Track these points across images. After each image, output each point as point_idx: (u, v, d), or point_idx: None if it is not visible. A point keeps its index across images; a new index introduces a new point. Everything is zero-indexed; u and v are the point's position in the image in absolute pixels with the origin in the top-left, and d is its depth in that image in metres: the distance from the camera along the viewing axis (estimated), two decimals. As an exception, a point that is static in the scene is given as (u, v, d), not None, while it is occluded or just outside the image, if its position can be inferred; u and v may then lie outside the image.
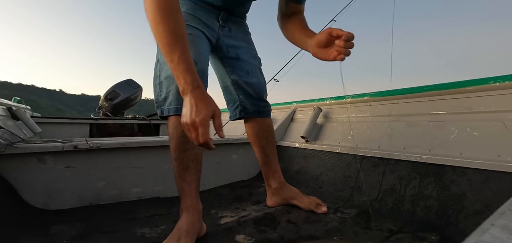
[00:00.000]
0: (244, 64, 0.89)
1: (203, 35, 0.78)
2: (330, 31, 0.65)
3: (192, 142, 0.70)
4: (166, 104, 0.72)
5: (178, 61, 0.55)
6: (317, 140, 1.34)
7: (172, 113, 0.70)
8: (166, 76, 0.71)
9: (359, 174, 1.03)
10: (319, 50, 0.69)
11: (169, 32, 0.54)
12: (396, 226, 0.78)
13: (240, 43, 0.89)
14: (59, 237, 0.70)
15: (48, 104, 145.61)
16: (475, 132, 0.84)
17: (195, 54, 0.70)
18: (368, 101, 1.22)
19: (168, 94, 0.71)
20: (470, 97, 0.90)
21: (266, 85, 1.02)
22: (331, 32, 0.65)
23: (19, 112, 1.65)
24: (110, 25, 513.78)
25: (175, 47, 0.54)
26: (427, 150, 0.91)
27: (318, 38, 0.69)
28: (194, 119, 0.54)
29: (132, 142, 1.02)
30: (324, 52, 0.68)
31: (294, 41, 0.84)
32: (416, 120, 1.01)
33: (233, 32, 0.87)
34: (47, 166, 0.87)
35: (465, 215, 0.72)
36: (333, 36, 0.64)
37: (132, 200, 1.02)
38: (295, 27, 0.83)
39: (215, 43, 0.84)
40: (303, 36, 0.78)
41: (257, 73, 0.94)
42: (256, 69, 0.93)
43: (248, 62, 0.90)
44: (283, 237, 0.73)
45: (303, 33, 0.79)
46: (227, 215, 0.90)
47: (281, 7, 0.87)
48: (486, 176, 0.74)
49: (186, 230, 0.64)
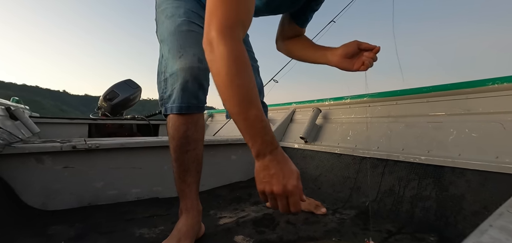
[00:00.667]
0: None
1: None
2: (359, 44, 0.72)
3: (193, 143, 0.69)
4: (170, 102, 0.69)
5: (255, 119, 0.47)
6: (316, 141, 1.34)
7: (175, 111, 0.68)
8: (171, 73, 0.68)
9: (358, 175, 1.03)
10: (344, 60, 0.74)
11: (245, 87, 0.47)
12: (395, 227, 0.78)
13: None
14: (57, 238, 0.70)
15: (52, 105, 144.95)
16: (474, 133, 0.84)
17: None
18: (367, 102, 1.23)
19: (172, 92, 0.68)
20: (469, 98, 0.90)
21: (264, 87, 1.03)
22: (360, 45, 0.72)
23: (18, 112, 1.64)
24: (110, 24, 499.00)
25: (252, 104, 0.47)
26: (425, 151, 0.91)
27: (346, 50, 0.73)
28: (286, 186, 0.47)
29: (131, 142, 1.01)
30: (349, 62, 0.73)
31: (304, 58, 0.86)
32: (415, 122, 1.01)
33: None
34: (46, 166, 0.86)
35: (463, 216, 0.73)
36: (361, 49, 0.72)
37: (130, 200, 1.01)
38: (304, 45, 0.86)
39: None
40: (319, 51, 0.82)
41: (255, 75, 0.94)
42: (254, 71, 0.93)
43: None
44: (282, 238, 0.73)
45: (317, 48, 0.83)
46: (226, 215, 0.90)
47: (283, 29, 0.88)
48: (484, 177, 0.74)
49: (185, 231, 0.64)
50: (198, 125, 0.70)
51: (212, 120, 2.41)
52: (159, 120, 2.51)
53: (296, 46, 0.87)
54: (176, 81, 0.67)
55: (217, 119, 2.35)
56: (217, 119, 2.35)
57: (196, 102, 0.68)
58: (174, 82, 0.68)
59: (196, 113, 0.70)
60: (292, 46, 0.88)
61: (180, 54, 0.66)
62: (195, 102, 0.68)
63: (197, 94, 0.68)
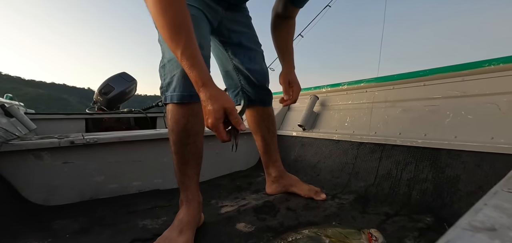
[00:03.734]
0: (246, 50, 0.87)
1: (205, 17, 0.73)
2: (287, 88, 0.91)
3: (194, 136, 0.69)
4: (170, 90, 0.66)
5: (181, 57, 0.52)
6: (314, 128, 1.35)
7: (175, 100, 0.65)
8: (170, 58, 0.66)
9: (356, 161, 1.05)
10: (285, 83, 0.91)
11: (171, 24, 0.52)
12: (392, 209, 0.80)
13: (242, 29, 0.86)
14: (61, 232, 0.71)
15: (78, 102, 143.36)
16: (470, 115, 0.85)
17: (200, 38, 0.65)
18: (364, 88, 1.23)
19: (172, 79, 0.66)
20: (465, 80, 0.91)
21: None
22: (288, 89, 0.91)
23: (12, 109, 1.62)
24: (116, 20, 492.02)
25: (179, 41, 0.52)
26: (422, 135, 0.93)
27: (283, 79, 0.91)
28: (207, 123, 0.53)
29: (129, 136, 1.01)
30: (286, 86, 0.91)
31: (275, 46, 0.94)
32: (412, 106, 1.02)
33: (235, 16, 0.84)
34: (45, 162, 0.86)
35: (459, 196, 0.74)
36: (288, 87, 0.91)
37: (132, 193, 1.02)
38: (282, 38, 0.92)
39: (216, 27, 0.81)
40: (282, 54, 0.94)
41: (260, 60, 0.92)
42: (258, 56, 0.91)
43: (251, 48, 0.88)
44: (283, 223, 0.75)
45: (283, 52, 0.93)
46: (227, 204, 0.91)
47: (277, 7, 0.87)
48: (480, 158, 0.76)
49: (187, 222, 0.64)
50: (198, 116, 0.69)
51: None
52: (156, 113, 2.50)
53: (279, 31, 0.91)
54: (176, 67, 0.65)
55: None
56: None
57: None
58: (173, 69, 0.65)
59: (197, 102, 0.69)
60: (277, 28, 0.91)
61: None
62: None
63: None
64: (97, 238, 0.68)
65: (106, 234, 0.70)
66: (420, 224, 0.70)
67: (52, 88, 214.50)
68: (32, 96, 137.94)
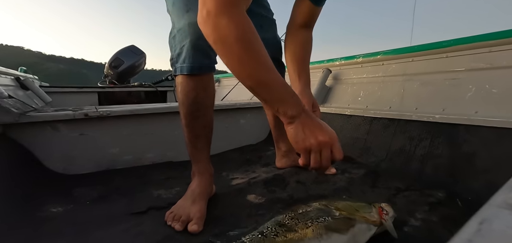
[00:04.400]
0: (256, 17, 0.81)
1: None
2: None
3: (204, 109, 0.68)
4: (180, 61, 0.64)
5: (278, 85, 0.46)
6: (326, 103, 1.32)
7: (185, 72, 0.64)
8: (179, 28, 0.62)
9: (368, 136, 1.03)
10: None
11: (259, 62, 0.44)
12: (403, 184, 0.79)
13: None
14: (82, 199, 0.75)
15: (96, 77, 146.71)
16: (495, 89, 0.80)
17: None
18: (381, 60, 1.17)
19: (182, 50, 0.64)
20: (492, 51, 0.84)
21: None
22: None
23: (28, 82, 1.66)
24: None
25: (270, 72, 0.45)
26: (440, 109, 0.89)
27: (305, 102, 0.67)
28: (331, 134, 0.47)
29: (141, 109, 1.03)
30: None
31: (291, 66, 0.73)
32: (431, 79, 0.97)
33: None
34: (62, 133, 0.89)
35: (474, 172, 0.73)
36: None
37: (146, 164, 1.06)
38: (299, 54, 0.72)
39: None
40: (298, 74, 0.71)
41: (272, 29, 0.86)
42: (270, 24, 0.86)
43: (261, 15, 0.82)
44: (293, 196, 0.76)
45: (301, 72, 0.71)
46: (238, 177, 0.93)
47: (295, 15, 0.72)
48: (500, 135, 0.72)
49: (199, 192, 0.66)
50: (208, 89, 0.68)
51: (219, 85, 2.38)
52: (166, 87, 2.51)
53: (293, 47, 0.73)
54: (185, 37, 0.63)
55: (224, 84, 2.33)
56: (224, 84, 2.33)
57: (208, 62, 0.65)
58: (183, 39, 0.63)
59: (208, 74, 0.67)
60: (291, 42, 0.73)
61: (187, 8, 0.61)
62: (207, 62, 0.65)
63: (209, 52, 0.65)
64: (115, 205, 0.72)
65: (123, 203, 0.73)
66: (431, 198, 0.69)
67: (72, 64, 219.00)
68: (53, 72, 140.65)
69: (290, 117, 0.47)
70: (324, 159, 0.47)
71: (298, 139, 0.47)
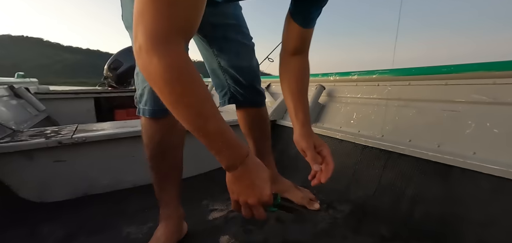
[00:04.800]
0: (233, 44, 0.77)
1: None
2: (314, 153, 0.65)
3: (171, 150, 0.64)
4: (142, 102, 0.62)
5: (215, 134, 0.41)
6: (318, 122, 1.25)
7: (147, 115, 0.62)
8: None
9: (358, 166, 0.96)
10: (310, 149, 0.65)
11: (195, 105, 0.39)
12: (390, 230, 0.73)
13: (228, 20, 0.76)
14: (45, 239, 0.73)
15: None
16: (496, 129, 0.72)
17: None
18: (377, 81, 1.09)
19: (143, 91, 0.61)
20: (497, 84, 0.76)
21: (260, 69, 0.91)
22: (316, 156, 0.65)
23: (21, 90, 1.66)
24: None
25: (208, 119, 0.40)
26: (435, 145, 0.81)
27: (306, 143, 0.64)
28: (261, 197, 0.44)
29: (119, 133, 0.99)
30: (311, 152, 0.65)
31: (288, 98, 0.67)
32: (428, 108, 0.89)
33: (220, 7, 0.73)
34: (35, 162, 0.87)
35: (466, 224, 0.66)
36: (315, 154, 0.65)
37: (127, 188, 1.03)
38: (296, 85, 0.66)
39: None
40: (296, 107, 0.66)
41: (249, 56, 0.82)
42: (247, 51, 0.81)
43: (238, 42, 0.78)
44: (267, 240, 0.71)
45: (298, 104, 0.66)
46: (217, 208, 0.89)
47: (287, 42, 0.65)
48: (498, 185, 0.65)
49: (164, 241, 0.63)
50: (175, 128, 0.64)
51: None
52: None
53: (288, 77, 0.67)
54: (145, 80, 0.57)
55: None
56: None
57: None
58: (144, 80, 0.60)
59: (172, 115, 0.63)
60: (285, 71, 0.68)
61: None
62: None
63: None
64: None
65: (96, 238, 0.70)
66: (417, 254, 0.63)
67: (88, 54, 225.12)
68: (71, 62, 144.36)
69: (225, 167, 0.45)
70: (255, 213, 0.46)
71: (230, 189, 0.47)
